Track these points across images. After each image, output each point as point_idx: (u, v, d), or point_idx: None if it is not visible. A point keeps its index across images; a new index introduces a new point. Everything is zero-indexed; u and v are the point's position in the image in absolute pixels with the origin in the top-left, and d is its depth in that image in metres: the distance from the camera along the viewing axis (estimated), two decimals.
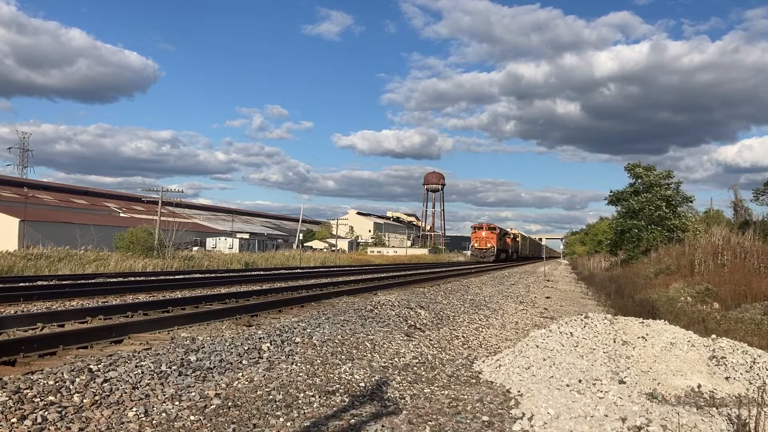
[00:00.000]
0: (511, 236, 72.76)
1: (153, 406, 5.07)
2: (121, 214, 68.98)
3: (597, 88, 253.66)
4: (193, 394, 5.52)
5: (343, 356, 7.72)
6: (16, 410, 4.50)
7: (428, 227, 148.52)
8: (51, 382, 5.10)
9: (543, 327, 9.58)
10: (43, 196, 64.39)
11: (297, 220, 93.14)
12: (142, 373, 5.72)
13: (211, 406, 5.29)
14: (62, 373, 5.32)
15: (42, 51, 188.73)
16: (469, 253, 73.43)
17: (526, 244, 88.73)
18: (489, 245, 58.59)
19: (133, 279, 19.11)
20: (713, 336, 8.59)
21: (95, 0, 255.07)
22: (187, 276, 21.35)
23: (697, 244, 24.66)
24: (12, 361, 6.01)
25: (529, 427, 5.34)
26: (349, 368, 7.13)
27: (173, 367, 6.04)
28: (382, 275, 24.95)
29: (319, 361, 7.25)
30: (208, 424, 4.88)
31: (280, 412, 5.34)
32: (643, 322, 8.63)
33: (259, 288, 16.37)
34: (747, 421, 5.01)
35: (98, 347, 6.97)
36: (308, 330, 8.80)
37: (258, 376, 6.34)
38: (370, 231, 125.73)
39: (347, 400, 5.90)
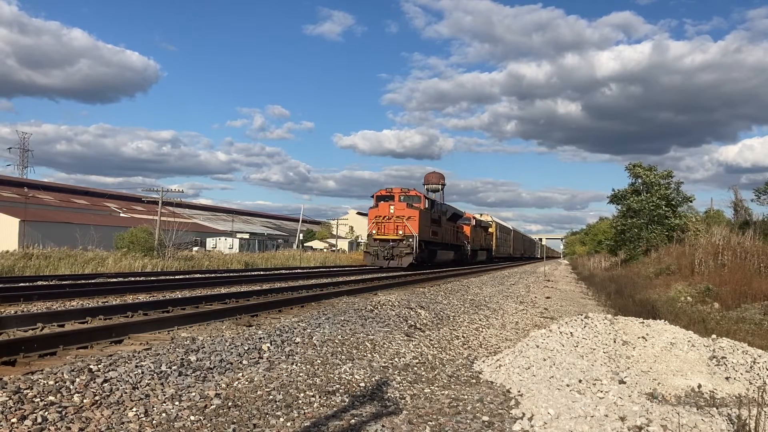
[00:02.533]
0: (472, 223, 45.02)
1: (153, 406, 5.07)
2: (122, 215, 69.02)
3: (598, 88, 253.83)
4: (193, 394, 5.52)
5: (343, 356, 7.72)
6: (16, 410, 4.50)
7: None
8: (51, 382, 5.10)
9: (543, 327, 9.57)
10: (44, 196, 64.40)
11: (297, 220, 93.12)
12: (142, 373, 5.72)
13: (211, 406, 5.29)
14: (62, 373, 5.32)
15: (43, 51, 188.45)
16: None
17: (508, 239, 63.94)
18: (400, 233, 28.64)
19: (133, 279, 19.10)
20: (713, 336, 8.59)
21: (97, 0, 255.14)
22: (187, 276, 21.33)
23: (697, 244, 24.70)
24: (12, 361, 6.01)
25: (529, 427, 5.34)
26: (350, 368, 7.13)
27: (173, 367, 6.04)
28: (383, 275, 24.91)
29: (319, 361, 7.25)
30: (208, 425, 4.88)
31: (281, 412, 5.34)
32: (643, 322, 8.63)
33: (259, 288, 16.35)
34: (747, 421, 5.01)
35: (98, 347, 6.97)
36: (308, 330, 8.79)
37: (258, 376, 6.34)
38: None
39: (347, 400, 5.90)
